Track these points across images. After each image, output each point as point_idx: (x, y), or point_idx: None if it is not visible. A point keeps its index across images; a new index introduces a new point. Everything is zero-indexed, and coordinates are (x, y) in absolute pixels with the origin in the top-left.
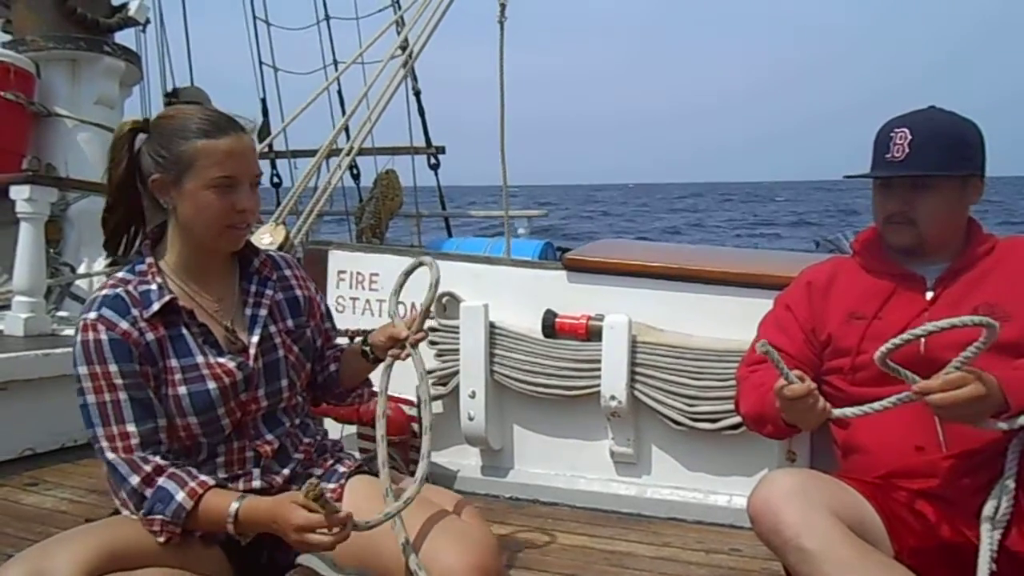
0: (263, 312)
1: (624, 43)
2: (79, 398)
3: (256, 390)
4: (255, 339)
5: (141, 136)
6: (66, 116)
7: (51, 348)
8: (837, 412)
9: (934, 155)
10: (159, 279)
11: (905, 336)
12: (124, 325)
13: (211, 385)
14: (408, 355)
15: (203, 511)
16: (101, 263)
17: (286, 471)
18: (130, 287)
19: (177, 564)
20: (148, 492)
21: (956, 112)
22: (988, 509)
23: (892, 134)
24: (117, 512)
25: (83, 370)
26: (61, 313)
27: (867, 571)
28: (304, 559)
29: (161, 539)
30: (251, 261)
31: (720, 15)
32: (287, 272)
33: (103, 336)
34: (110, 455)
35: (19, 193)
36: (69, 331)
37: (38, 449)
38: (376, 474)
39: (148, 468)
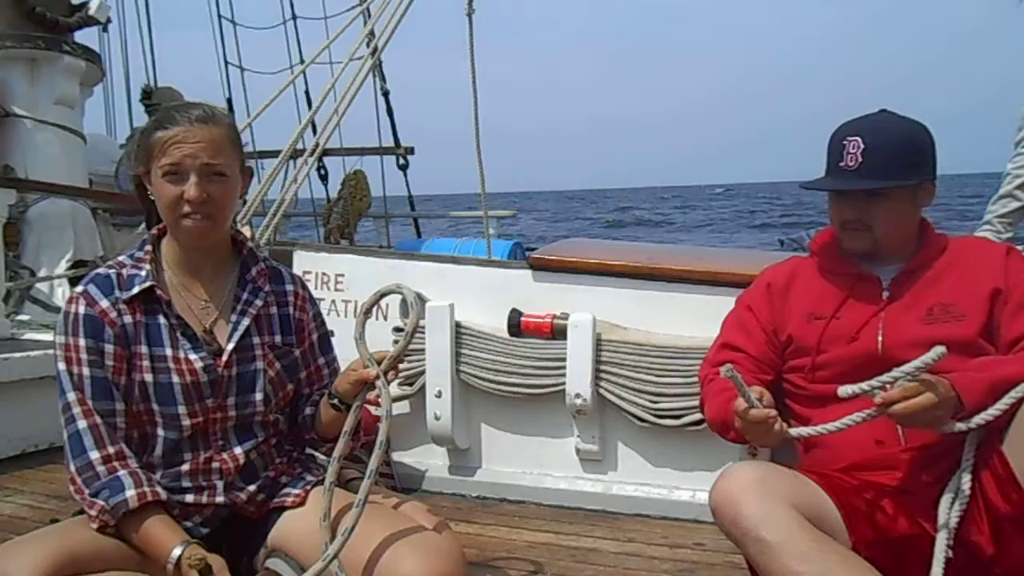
0: (246, 321)
1: (597, 49)
2: (56, 364)
3: (224, 398)
4: (230, 346)
5: None
6: (25, 116)
7: (10, 353)
8: (794, 432)
9: (887, 164)
10: (149, 266)
11: (873, 383)
12: (104, 304)
13: (175, 379)
14: (378, 395)
15: (144, 527)
16: (62, 266)
17: (251, 488)
18: (123, 269)
19: (137, 568)
20: (103, 473)
21: (907, 116)
22: (944, 500)
23: (845, 142)
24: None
25: (60, 339)
26: (21, 317)
27: (825, 562)
28: (271, 563)
29: (94, 525)
30: (250, 268)
31: (691, 27)
32: (288, 287)
33: (81, 310)
34: (81, 423)
35: None
36: (29, 335)
37: None
38: (345, 485)
39: (111, 449)
